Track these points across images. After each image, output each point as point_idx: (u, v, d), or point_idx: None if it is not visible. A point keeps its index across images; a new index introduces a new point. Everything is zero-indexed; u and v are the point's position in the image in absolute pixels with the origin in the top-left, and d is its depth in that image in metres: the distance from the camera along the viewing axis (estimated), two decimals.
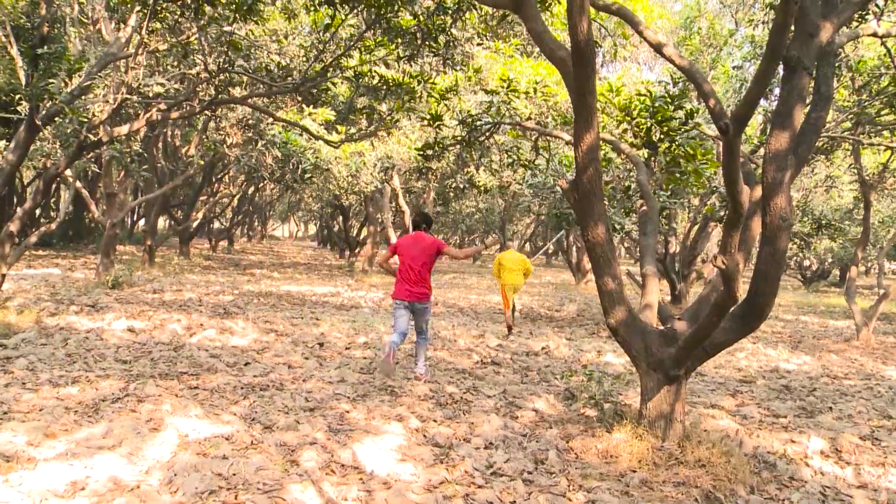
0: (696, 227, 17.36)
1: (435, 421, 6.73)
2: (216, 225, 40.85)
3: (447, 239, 50.97)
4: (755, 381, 9.75)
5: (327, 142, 12.14)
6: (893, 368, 11.22)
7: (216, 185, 27.09)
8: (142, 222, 30.60)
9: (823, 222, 23.87)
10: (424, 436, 6.23)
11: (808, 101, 5.34)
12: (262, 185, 30.29)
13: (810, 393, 9.03)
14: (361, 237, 32.75)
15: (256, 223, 57.68)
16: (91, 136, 10.07)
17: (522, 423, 6.81)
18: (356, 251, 31.30)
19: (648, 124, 8.25)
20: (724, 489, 5.12)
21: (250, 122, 15.79)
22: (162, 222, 38.82)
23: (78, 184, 15.58)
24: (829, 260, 36.23)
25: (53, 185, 28.18)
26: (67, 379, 7.39)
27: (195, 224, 26.39)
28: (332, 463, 5.42)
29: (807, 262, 37.52)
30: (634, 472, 5.45)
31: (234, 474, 5.04)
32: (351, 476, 5.20)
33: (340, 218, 35.92)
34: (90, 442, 5.48)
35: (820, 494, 5.33)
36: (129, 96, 9.68)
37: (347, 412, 6.80)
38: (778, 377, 10.12)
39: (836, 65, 11.36)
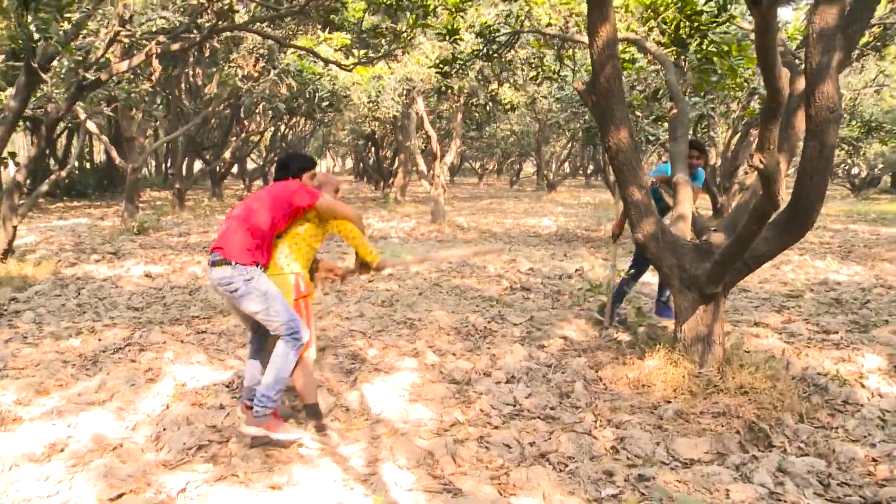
0: (738, 137, 16.42)
1: (454, 354, 6.26)
2: (250, 165, 40.45)
3: (484, 165, 49.73)
4: (803, 294, 9.10)
5: (339, 65, 11.50)
6: None
7: (246, 122, 26.50)
8: None
9: (873, 125, 22.62)
10: (441, 372, 5.77)
11: None
12: (291, 120, 29.63)
13: (863, 305, 8.36)
14: (394, 167, 32.07)
15: None
16: (89, 76, 9.56)
17: (549, 353, 6.31)
18: (390, 182, 30.70)
19: (677, 20, 7.49)
20: (769, 418, 4.56)
21: (261, 50, 15.15)
22: (199, 166, 38.56)
23: (93, 128, 15.17)
24: (880, 166, 34.69)
25: (58, 131, 27.62)
26: (73, 331, 7.06)
27: (226, 164, 25.90)
28: (337, 407, 4.99)
29: (855, 170, 36.06)
30: (669, 402, 4.92)
31: (230, 425, 4.64)
32: (356, 421, 4.76)
33: (374, 149, 35.25)
34: (82, 397, 5.13)
35: (878, 420, 4.74)
36: (120, 28, 9.11)
37: (361, 349, 6.36)
38: (827, 290, 9.44)
39: None
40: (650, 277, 9.13)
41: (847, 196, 32.26)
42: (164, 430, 4.53)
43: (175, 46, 10.24)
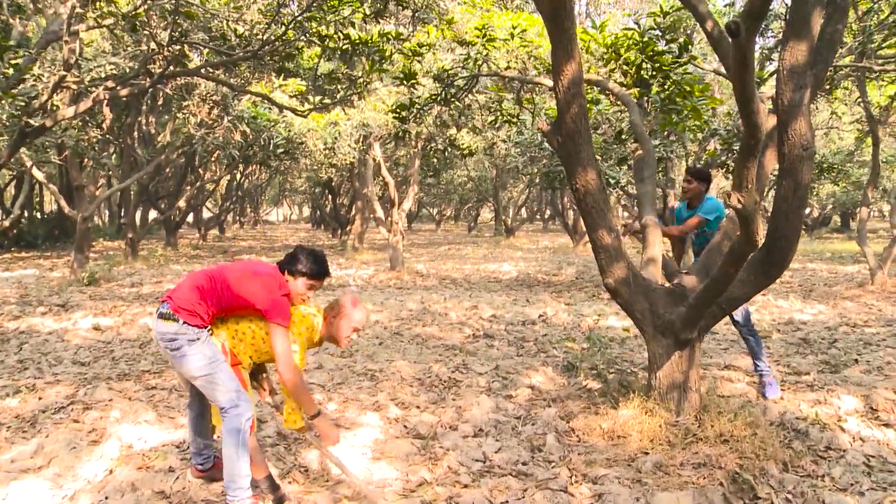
0: None
1: (418, 407, 5.97)
2: (206, 213, 40.00)
3: (441, 212, 49.69)
4: (770, 335, 9.00)
5: (295, 111, 11.28)
6: None
7: (201, 170, 26.06)
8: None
9: (825, 166, 23.01)
10: (405, 426, 5.47)
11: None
12: (247, 168, 29.28)
13: (831, 345, 8.28)
14: (352, 214, 31.81)
15: (248, 209, 56.55)
16: (32, 122, 9.21)
17: (517, 403, 6.05)
18: (347, 229, 30.40)
19: (638, 60, 7.41)
20: (752, 468, 4.34)
21: (214, 97, 14.88)
22: (154, 215, 38.03)
23: (40, 176, 14.70)
24: (830, 206, 35.41)
25: (7, 180, 26.95)
26: (11, 389, 6.61)
27: (181, 213, 25.43)
28: (295, 468, 4.66)
29: (807, 209, 36.74)
30: (647, 454, 4.68)
31: (179, 490, 4.29)
32: (316, 484, 4.44)
33: (330, 197, 34.99)
34: (15, 464, 4.72)
35: (864, 465, 4.56)
36: (65, 73, 8.80)
37: (320, 404, 6.03)
38: (794, 329, 9.37)
39: None
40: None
41: (801, 235, 32.75)
42: (107, 498, 4.17)
43: (124, 92, 9.93)
